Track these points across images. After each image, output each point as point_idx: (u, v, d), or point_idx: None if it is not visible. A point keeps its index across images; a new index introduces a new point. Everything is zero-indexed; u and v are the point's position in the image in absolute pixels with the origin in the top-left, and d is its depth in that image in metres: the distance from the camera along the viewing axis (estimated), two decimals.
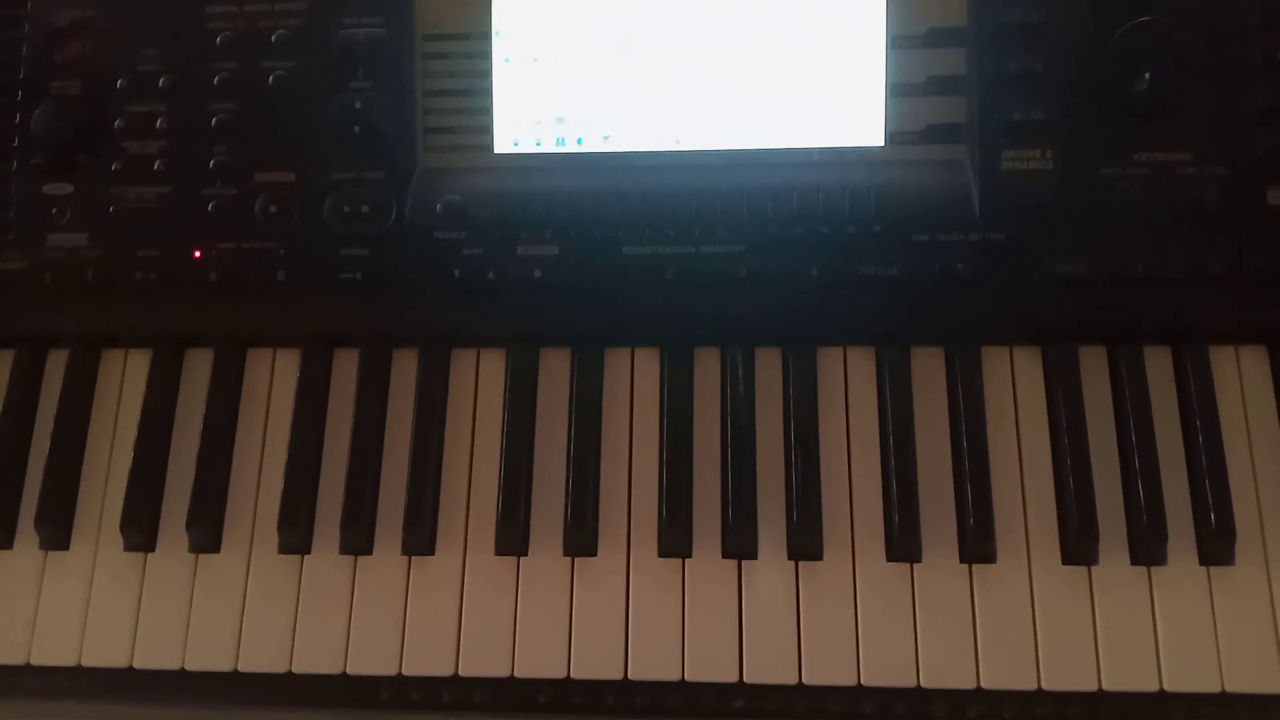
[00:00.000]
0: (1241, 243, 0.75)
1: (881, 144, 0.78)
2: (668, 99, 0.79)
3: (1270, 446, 0.75)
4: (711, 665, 0.73)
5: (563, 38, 0.80)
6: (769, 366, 0.79)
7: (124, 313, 0.81)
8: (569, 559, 0.75)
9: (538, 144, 0.80)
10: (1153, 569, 0.73)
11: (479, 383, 0.80)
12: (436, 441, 0.79)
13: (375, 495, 0.78)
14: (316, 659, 0.74)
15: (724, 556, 0.75)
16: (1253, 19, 0.76)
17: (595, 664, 0.73)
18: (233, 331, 0.81)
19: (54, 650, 0.76)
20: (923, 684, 0.71)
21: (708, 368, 0.79)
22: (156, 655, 0.75)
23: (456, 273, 0.78)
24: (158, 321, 0.81)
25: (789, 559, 0.75)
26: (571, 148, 0.80)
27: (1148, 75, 0.75)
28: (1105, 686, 0.71)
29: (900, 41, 0.78)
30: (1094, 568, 0.73)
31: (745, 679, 0.72)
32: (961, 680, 0.71)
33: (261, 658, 0.75)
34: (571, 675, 0.73)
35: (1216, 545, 0.72)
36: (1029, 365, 0.78)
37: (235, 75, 0.80)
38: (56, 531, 0.78)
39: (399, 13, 0.80)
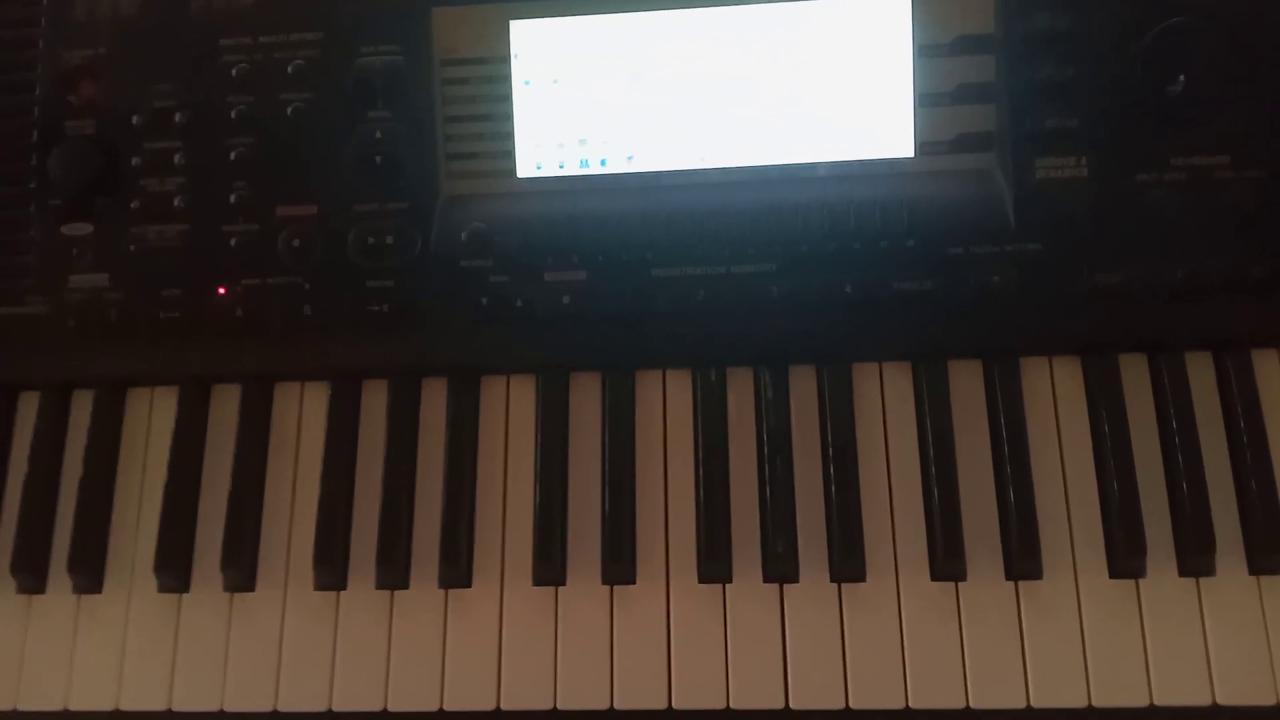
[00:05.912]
0: None
1: (911, 155, 0.77)
2: (691, 116, 0.78)
3: None
4: (756, 692, 0.72)
5: (582, 58, 0.78)
6: (804, 385, 0.78)
7: (149, 352, 0.80)
8: (608, 587, 0.75)
9: (561, 167, 0.79)
10: (1201, 580, 0.72)
11: (510, 409, 0.79)
12: (469, 471, 0.78)
13: (410, 528, 0.77)
14: (356, 696, 0.74)
15: (765, 581, 0.74)
16: None
17: (639, 694, 0.73)
18: (260, 367, 0.80)
19: (91, 695, 0.76)
20: (972, 705, 0.71)
21: (741, 387, 0.78)
22: (195, 697, 0.75)
23: (484, 301, 0.77)
24: (183, 360, 0.80)
25: (831, 581, 0.74)
26: (595, 170, 0.79)
27: (1181, 78, 0.74)
28: (1156, 701, 0.70)
29: (927, 50, 0.77)
30: (1141, 581, 0.72)
31: (791, 705, 0.72)
32: (1011, 699, 0.71)
33: (301, 696, 0.74)
34: (615, 706, 0.72)
35: (1266, 555, 0.72)
36: (1069, 375, 0.77)
37: (253, 109, 0.79)
38: (89, 575, 0.77)
39: (416, 39, 0.79)
